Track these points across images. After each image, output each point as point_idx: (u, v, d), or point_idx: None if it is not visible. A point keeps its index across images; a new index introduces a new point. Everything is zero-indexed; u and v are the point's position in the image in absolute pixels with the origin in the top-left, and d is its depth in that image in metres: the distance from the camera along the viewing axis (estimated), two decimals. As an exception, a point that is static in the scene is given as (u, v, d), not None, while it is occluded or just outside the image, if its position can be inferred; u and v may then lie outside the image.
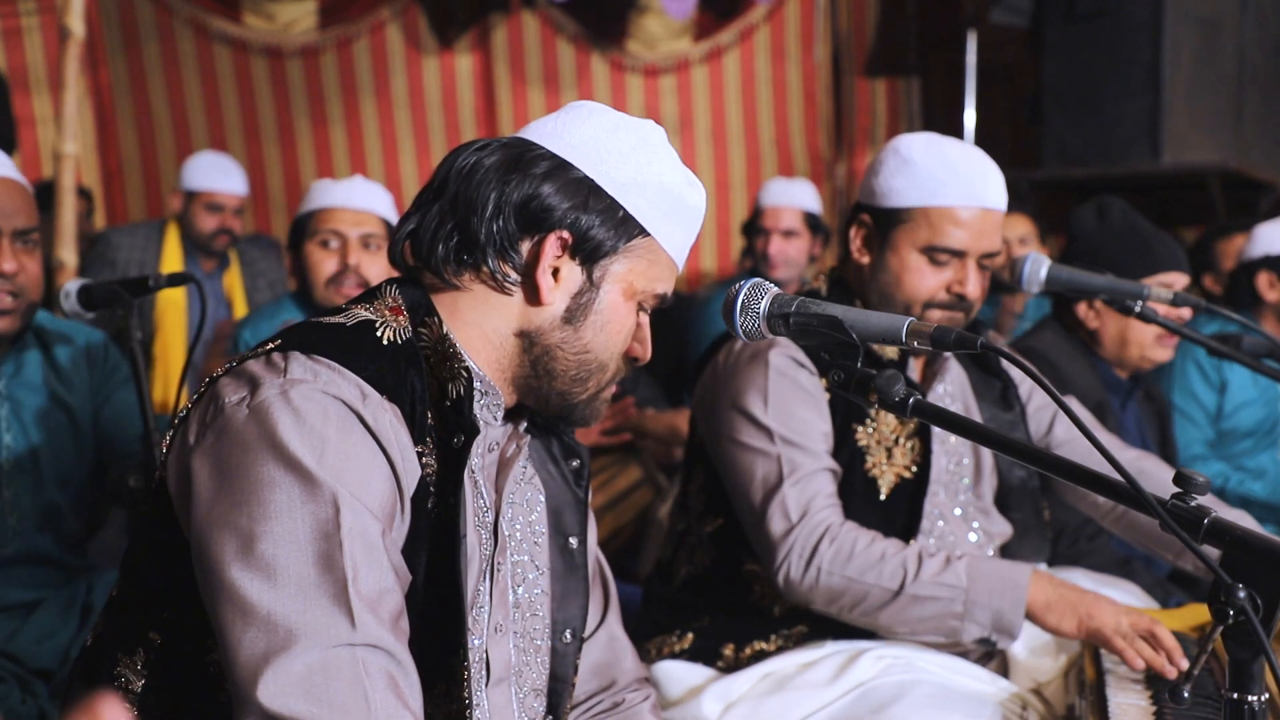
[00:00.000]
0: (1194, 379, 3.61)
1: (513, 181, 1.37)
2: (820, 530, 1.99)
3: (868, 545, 1.99)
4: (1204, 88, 5.49)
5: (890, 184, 2.10)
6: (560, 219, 1.37)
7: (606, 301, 1.40)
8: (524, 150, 1.39)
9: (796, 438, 2.05)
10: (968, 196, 2.06)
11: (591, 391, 1.45)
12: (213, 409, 1.28)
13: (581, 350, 1.41)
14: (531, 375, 1.42)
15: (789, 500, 2.01)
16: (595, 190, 1.38)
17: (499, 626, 1.45)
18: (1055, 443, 2.40)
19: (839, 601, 2.00)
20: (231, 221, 4.69)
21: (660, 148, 1.43)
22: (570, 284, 1.39)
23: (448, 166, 1.41)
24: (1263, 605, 1.07)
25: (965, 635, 1.97)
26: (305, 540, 1.20)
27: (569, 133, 1.40)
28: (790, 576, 1.99)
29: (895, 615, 1.98)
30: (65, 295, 2.29)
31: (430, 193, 1.42)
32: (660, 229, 1.41)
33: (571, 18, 6.23)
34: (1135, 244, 2.95)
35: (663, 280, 1.44)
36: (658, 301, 1.45)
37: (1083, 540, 2.88)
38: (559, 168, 1.38)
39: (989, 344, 1.25)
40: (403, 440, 1.30)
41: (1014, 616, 1.95)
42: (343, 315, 1.38)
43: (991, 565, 1.99)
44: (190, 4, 5.69)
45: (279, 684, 1.15)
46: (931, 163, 2.07)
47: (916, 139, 2.12)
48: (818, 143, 6.88)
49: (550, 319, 1.40)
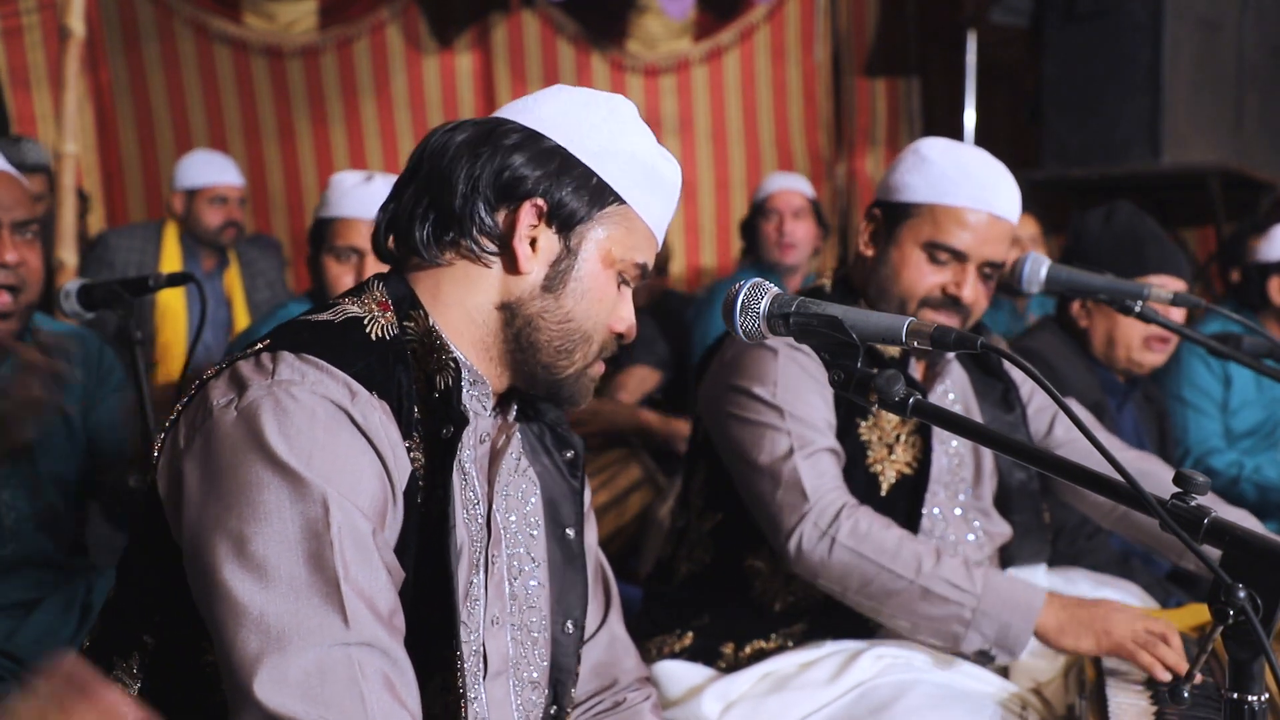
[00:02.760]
0: (1200, 372, 3.62)
1: (484, 155, 1.38)
2: (838, 505, 1.98)
3: (885, 528, 1.98)
4: (1204, 88, 5.49)
5: (905, 179, 2.11)
6: (533, 187, 1.37)
7: (585, 269, 1.41)
8: (495, 126, 1.41)
9: (804, 415, 2.05)
10: (977, 200, 2.07)
11: (578, 365, 1.44)
12: (202, 412, 1.29)
13: (563, 319, 1.41)
14: (516, 349, 1.42)
15: (803, 471, 2.00)
16: (568, 158, 1.39)
17: (495, 619, 1.45)
18: (1055, 443, 2.40)
19: (847, 579, 1.97)
20: (237, 213, 4.70)
21: (631, 120, 1.44)
22: (548, 252, 1.40)
23: (420, 151, 1.43)
24: (1263, 605, 1.07)
25: (966, 644, 1.96)
26: (295, 540, 1.21)
27: (540, 107, 1.42)
28: (803, 546, 1.97)
29: (901, 605, 1.96)
30: (65, 295, 2.29)
31: (406, 176, 1.43)
32: (635, 197, 1.42)
33: (571, 18, 6.22)
34: (1128, 246, 2.96)
35: (641, 250, 1.45)
36: (638, 272, 1.46)
37: (1081, 539, 2.88)
38: (530, 139, 1.39)
39: (989, 344, 1.25)
40: (392, 436, 1.31)
41: (1021, 635, 1.94)
42: (330, 312, 1.38)
43: (1008, 581, 1.98)
44: (190, 4, 5.69)
45: (275, 685, 1.16)
46: (947, 163, 2.09)
47: (940, 141, 2.14)
48: (818, 143, 6.87)
49: (530, 288, 1.40)
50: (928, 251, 2.09)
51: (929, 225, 2.08)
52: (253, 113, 5.89)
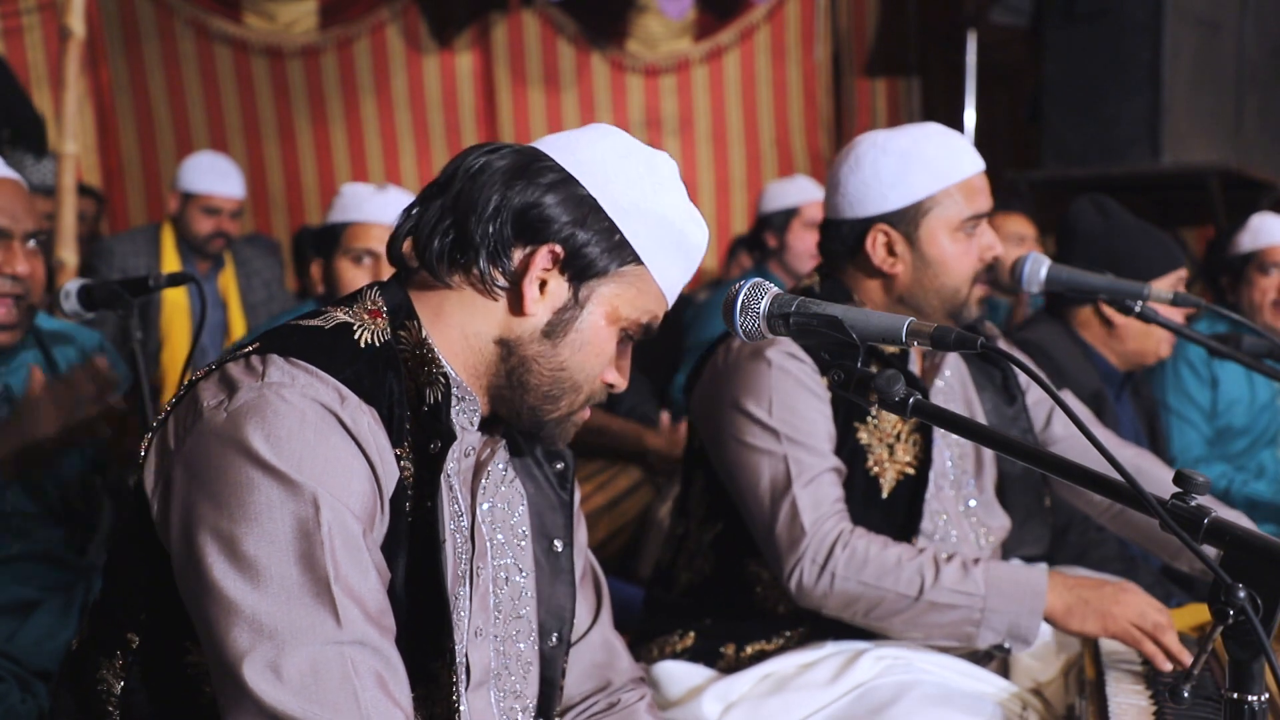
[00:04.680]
0: (1187, 379, 3.61)
1: (516, 187, 1.37)
2: (834, 536, 1.98)
3: (881, 550, 1.97)
4: (1204, 88, 5.49)
5: (898, 181, 2.08)
6: (556, 232, 1.37)
7: (588, 322, 1.40)
8: (533, 159, 1.39)
9: (801, 437, 2.04)
10: (973, 162, 2.12)
11: (563, 411, 1.44)
12: (192, 413, 1.29)
13: (557, 367, 1.41)
14: (506, 385, 1.41)
15: (800, 504, 2.00)
16: (596, 210, 1.38)
17: (479, 630, 1.45)
18: (1053, 438, 2.40)
19: (853, 607, 1.98)
20: (228, 225, 4.67)
21: (669, 180, 1.44)
22: (555, 298, 1.39)
23: (456, 165, 1.42)
24: (1263, 605, 1.07)
25: (980, 641, 1.97)
26: (287, 540, 1.21)
27: (580, 149, 1.41)
28: (803, 583, 1.98)
29: (911, 620, 1.97)
30: (65, 295, 2.29)
31: (436, 188, 1.43)
32: (655, 260, 1.41)
33: (571, 17, 6.23)
34: (1149, 241, 2.95)
35: (649, 311, 1.44)
36: (642, 332, 1.45)
37: (1092, 530, 2.88)
38: (564, 181, 1.38)
39: (989, 344, 1.25)
40: (381, 442, 1.31)
41: (1031, 623, 1.94)
42: (320, 318, 1.38)
43: (1009, 572, 1.98)
44: (191, 4, 5.69)
45: (271, 683, 1.16)
46: (930, 147, 2.09)
47: (885, 137, 2.12)
48: (818, 143, 6.88)
49: (530, 330, 1.39)
50: (963, 230, 2.09)
51: (954, 206, 2.09)
52: (253, 113, 5.89)
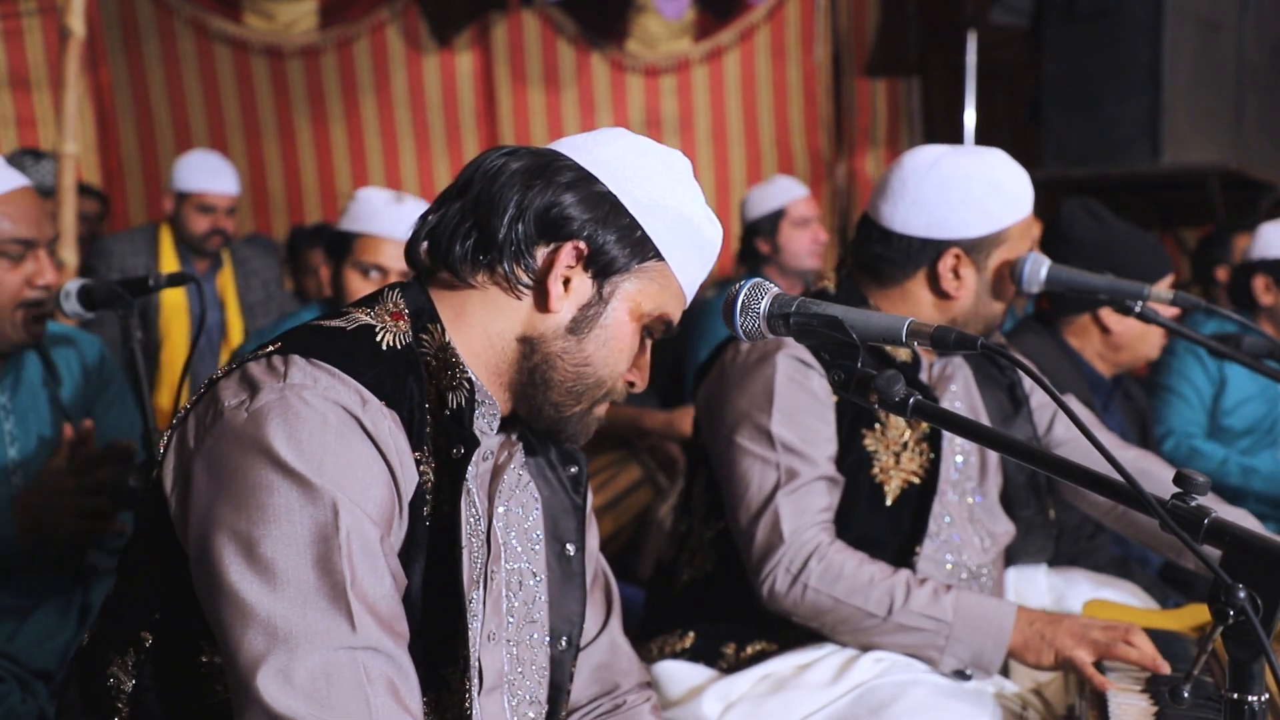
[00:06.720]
0: (1191, 365, 3.62)
1: (536, 187, 1.38)
2: (811, 547, 1.99)
3: (856, 567, 1.99)
4: (1204, 88, 5.49)
5: (983, 210, 2.08)
6: (578, 229, 1.38)
7: (613, 318, 1.41)
8: (552, 159, 1.40)
9: (798, 445, 2.04)
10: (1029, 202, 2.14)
11: (584, 407, 1.45)
12: (212, 412, 1.29)
13: (582, 363, 1.41)
14: (529, 383, 1.42)
15: (782, 511, 2.01)
16: (617, 207, 1.39)
17: (492, 635, 1.45)
18: (1055, 441, 2.40)
19: (821, 618, 2.00)
20: (224, 222, 4.65)
21: (685, 177, 1.45)
22: (580, 295, 1.40)
23: (474, 167, 1.42)
24: (1263, 605, 1.07)
25: (943, 666, 1.99)
26: (305, 543, 1.21)
27: (598, 149, 1.42)
28: (775, 589, 2.00)
29: (874, 637, 2.00)
30: (66, 295, 2.29)
31: (454, 190, 1.43)
32: (675, 256, 1.43)
33: (571, 17, 6.23)
34: (1141, 245, 2.95)
35: (670, 307, 1.45)
36: (663, 328, 1.46)
37: (1083, 539, 2.88)
38: (584, 179, 1.39)
39: (989, 345, 1.25)
40: (401, 446, 1.31)
41: (995, 655, 1.96)
42: (343, 319, 1.38)
43: (978, 603, 1.99)
44: (190, 4, 5.69)
45: (280, 686, 1.16)
46: (1007, 178, 2.10)
47: (969, 160, 2.10)
48: (818, 143, 6.88)
49: (555, 327, 1.40)
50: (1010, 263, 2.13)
51: (1020, 241, 2.13)
52: (253, 113, 5.89)
